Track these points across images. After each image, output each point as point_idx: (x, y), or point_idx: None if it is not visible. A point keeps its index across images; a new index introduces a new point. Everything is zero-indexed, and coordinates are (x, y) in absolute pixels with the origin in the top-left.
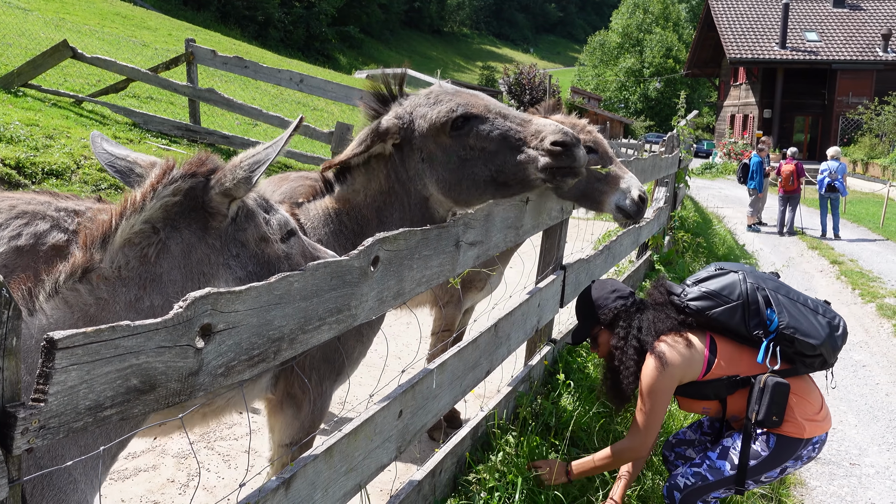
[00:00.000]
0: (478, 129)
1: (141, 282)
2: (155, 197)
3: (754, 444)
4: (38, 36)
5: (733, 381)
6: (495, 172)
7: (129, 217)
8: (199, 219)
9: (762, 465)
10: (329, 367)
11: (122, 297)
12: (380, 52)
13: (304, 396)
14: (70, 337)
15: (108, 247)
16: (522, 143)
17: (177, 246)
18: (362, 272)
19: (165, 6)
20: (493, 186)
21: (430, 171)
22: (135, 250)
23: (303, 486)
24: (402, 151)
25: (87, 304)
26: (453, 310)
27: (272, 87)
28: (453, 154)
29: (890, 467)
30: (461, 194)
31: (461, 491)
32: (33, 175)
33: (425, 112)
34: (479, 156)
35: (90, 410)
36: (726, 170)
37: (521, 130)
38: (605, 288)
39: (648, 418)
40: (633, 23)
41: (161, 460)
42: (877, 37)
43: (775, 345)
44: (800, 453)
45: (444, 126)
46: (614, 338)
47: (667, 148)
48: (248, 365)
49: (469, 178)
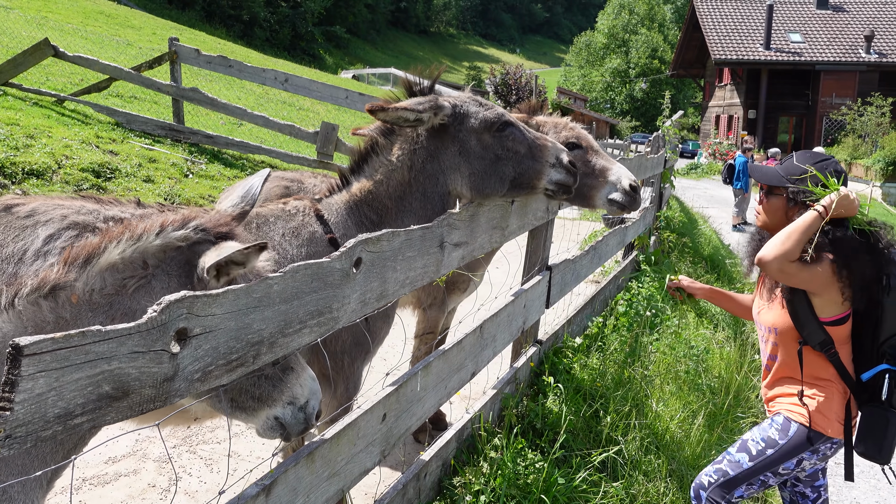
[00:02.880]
0: (514, 135)
1: (111, 311)
2: (160, 235)
3: (770, 432)
4: (19, 34)
5: (829, 348)
6: (517, 174)
7: (123, 243)
8: (190, 274)
9: (781, 455)
10: (359, 349)
11: (86, 322)
12: (366, 52)
13: (339, 377)
14: (37, 343)
15: (87, 268)
16: (541, 155)
17: (161, 288)
18: (344, 274)
19: (150, 5)
20: (509, 185)
21: (465, 164)
22: (115, 277)
23: (284, 491)
24: (441, 141)
25: (45, 321)
26: (436, 312)
27: (257, 87)
28: (491, 151)
29: (874, 466)
30: (486, 188)
31: (446, 494)
32: (13, 175)
33: (476, 111)
34: (512, 157)
35: (59, 418)
36: (711, 170)
37: (541, 145)
38: (832, 170)
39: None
40: (619, 23)
41: (142, 465)
42: (859, 38)
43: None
44: (818, 447)
45: (492, 126)
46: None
47: (652, 148)
48: (226, 370)
49: (498, 174)
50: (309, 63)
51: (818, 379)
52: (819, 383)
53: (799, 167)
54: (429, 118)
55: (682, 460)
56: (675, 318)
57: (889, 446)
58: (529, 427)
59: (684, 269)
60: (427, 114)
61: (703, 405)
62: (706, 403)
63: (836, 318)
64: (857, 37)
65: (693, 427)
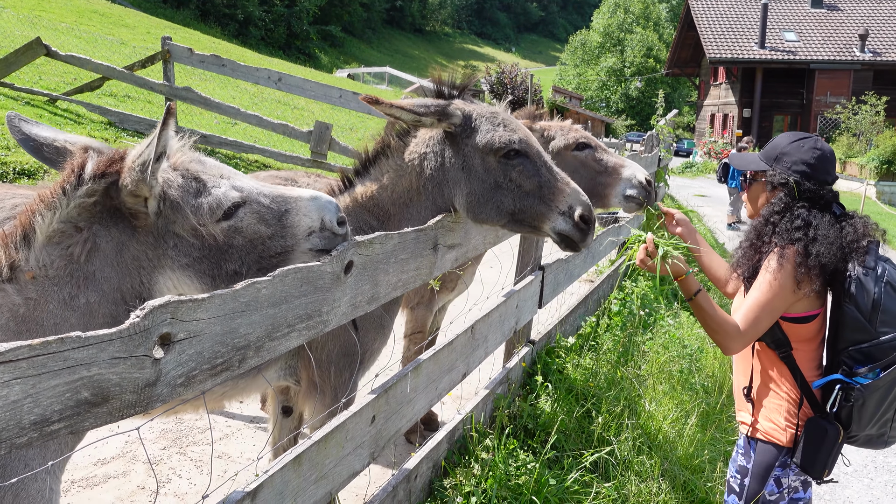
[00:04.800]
0: (524, 167)
1: (73, 280)
2: (67, 197)
3: (739, 461)
4: (11, 33)
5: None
6: (518, 210)
7: (44, 214)
8: (124, 215)
9: (755, 480)
10: (348, 360)
11: (55, 296)
12: (362, 50)
13: (326, 386)
14: (13, 350)
15: (31, 245)
16: (552, 200)
17: (108, 244)
18: (335, 278)
19: (144, 4)
20: (507, 218)
21: (465, 181)
22: (58, 249)
23: (270, 495)
24: (451, 150)
25: (16, 304)
26: (424, 311)
27: (251, 86)
28: (492, 177)
29: (867, 465)
30: (480, 213)
31: (437, 496)
32: (4, 175)
33: (488, 129)
34: (514, 189)
35: (35, 425)
36: (706, 169)
37: (555, 188)
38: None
39: (758, 320)
40: (614, 22)
41: (131, 466)
42: (854, 37)
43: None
44: (784, 460)
45: (499, 150)
46: (773, 205)
47: (647, 147)
48: (210, 374)
49: (495, 202)
50: (304, 62)
51: (769, 379)
52: (770, 385)
53: (776, 148)
54: (431, 123)
55: (675, 460)
56: (669, 318)
57: (823, 461)
58: (521, 428)
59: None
60: (429, 118)
61: (697, 405)
62: (699, 403)
63: (798, 316)
64: (852, 35)
65: (686, 427)
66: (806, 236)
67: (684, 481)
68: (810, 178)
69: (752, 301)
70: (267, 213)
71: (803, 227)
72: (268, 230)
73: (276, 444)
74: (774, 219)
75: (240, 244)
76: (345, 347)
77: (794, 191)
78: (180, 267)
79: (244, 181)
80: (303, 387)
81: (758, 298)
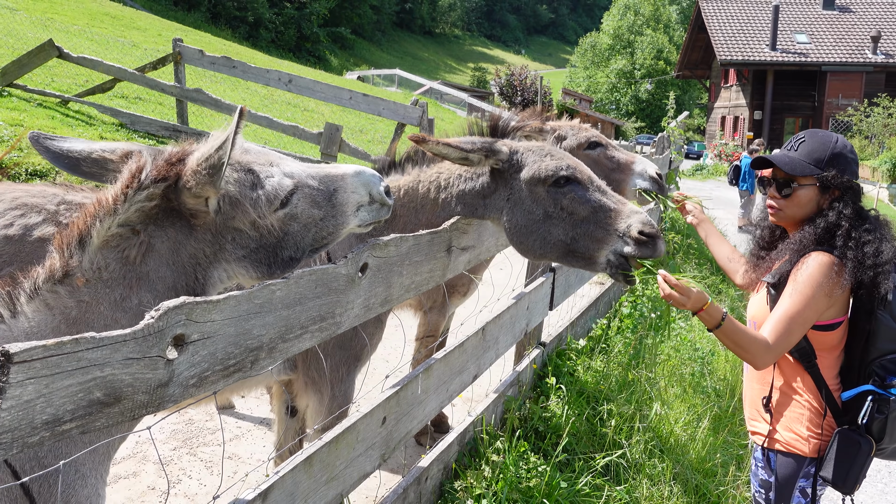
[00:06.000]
0: (576, 194)
1: (126, 281)
2: (128, 201)
3: (760, 474)
4: (24, 35)
5: (808, 358)
6: (571, 239)
7: (104, 220)
8: (184, 217)
9: (781, 494)
10: (344, 353)
11: (106, 298)
12: (371, 53)
13: (322, 380)
14: (28, 350)
15: (86, 249)
16: (610, 222)
17: (163, 244)
18: (349, 280)
19: (155, 7)
20: (559, 250)
21: (510, 212)
22: (114, 252)
23: (281, 496)
24: (495, 180)
25: (68, 307)
26: (437, 315)
27: (262, 88)
28: (541, 206)
29: (881, 471)
30: (525, 244)
31: (448, 498)
32: (17, 176)
33: (535, 160)
34: (566, 218)
35: (47, 425)
36: (717, 171)
37: (613, 209)
38: (850, 148)
39: (789, 333)
40: (624, 24)
41: (142, 467)
42: (866, 39)
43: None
44: (808, 470)
45: (547, 179)
46: (837, 210)
47: (657, 149)
48: (222, 375)
49: (544, 233)
50: (314, 64)
51: (791, 389)
52: (792, 395)
53: (824, 148)
54: (478, 160)
55: (687, 464)
56: (680, 321)
57: (855, 475)
58: (532, 430)
59: (689, 270)
60: (476, 155)
61: (709, 408)
62: (711, 406)
63: (824, 324)
64: (864, 37)
65: (698, 430)
66: (873, 243)
67: (696, 485)
68: (855, 178)
69: (783, 313)
70: (318, 195)
71: (875, 239)
72: (320, 212)
73: (280, 444)
74: (844, 224)
75: (295, 230)
76: (340, 340)
77: (856, 195)
78: (236, 259)
79: (292, 165)
80: (300, 380)
81: (788, 310)
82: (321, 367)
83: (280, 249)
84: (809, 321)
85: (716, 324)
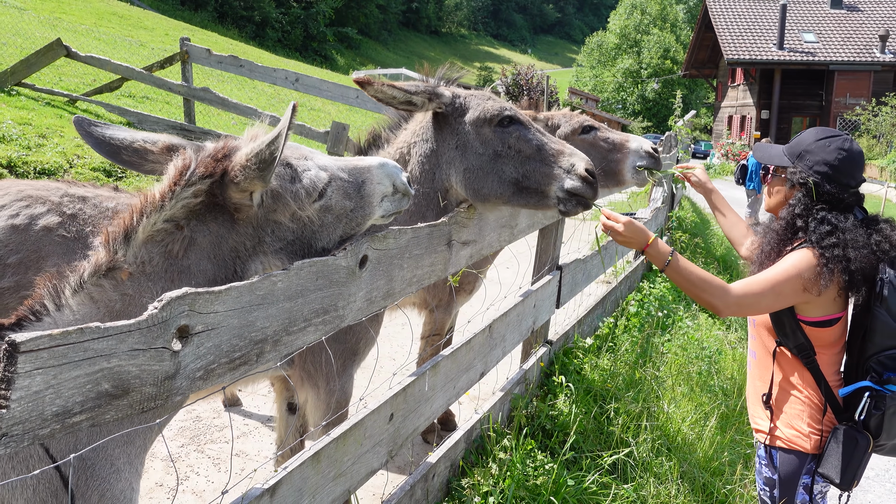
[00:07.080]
0: (520, 132)
1: (168, 275)
2: (174, 198)
3: (763, 472)
4: (33, 35)
5: (807, 354)
6: (522, 176)
7: (150, 215)
8: (226, 211)
9: (784, 491)
10: (340, 347)
11: (149, 291)
12: (378, 52)
13: (319, 374)
14: (34, 340)
15: (130, 243)
16: (554, 160)
17: (205, 238)
18: (350, 272)
19: (163, 6)
20: (512, 188)
21: (461, 158)
22: (158, 247)
23: (289, 492)
24: (442, 133)
25: (112, 300)
26: (443, 314)
27: (269, 87)
28: (490, 147)
29: (890, 470)
30: (482, 188)
31: (454, 495)
32: (25, 174)
33: (478, 103)
34: (514, 156)
35: (57, 417)
36: (724, 171)
37: (555, 149)
38: (835, 147)
39: (760, 294)
40: (631, 24)
41: (149, 464)
42: (874, 38)
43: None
44: (811, 466)
45: (492, 119)
46: (792, 207)
47: (664, 148)
48: (228, 368)
49: (497, 173)
50: (321, 64)
51: (791, 386)
52: (791, 391)
53: (801, 144)
54: (422, 102)
55: (694, 462)
56: (687, 319)
57: (852, 472)
58: (539, 428)
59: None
60: (420, 97)
61: (716, 406)
62: (718, 405)
63: (821, 320)
64: (872, 36)
65: (705, 429)
66: (837, 241)
67: (703, 483)
68: (831, 181)
69: (761, 275)
70: (349, 186)
71: (833, 232)
72: (351, 203)
73: (280, 441)
74: (798, 223)
75: (329, 221)
76: (335, 334)
77: (813, 192)
78: (273, 252)
79: (324, 159)
80: (296, 374)
81: (767, 275)
82: (317, 361)
83: (314, 241)
84: (783, 295)
85: (664, 261)
